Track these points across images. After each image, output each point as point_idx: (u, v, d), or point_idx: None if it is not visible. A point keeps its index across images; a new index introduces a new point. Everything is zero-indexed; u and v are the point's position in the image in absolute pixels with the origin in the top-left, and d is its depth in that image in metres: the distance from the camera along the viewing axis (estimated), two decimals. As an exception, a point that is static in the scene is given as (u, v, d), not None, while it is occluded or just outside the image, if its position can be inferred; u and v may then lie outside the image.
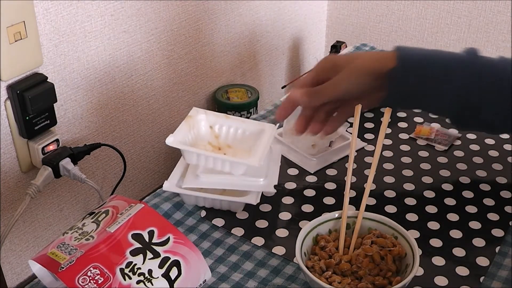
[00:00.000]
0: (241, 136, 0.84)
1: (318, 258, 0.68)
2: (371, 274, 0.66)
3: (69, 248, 0.61)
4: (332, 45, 1.63)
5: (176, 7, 1.22)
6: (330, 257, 0.68)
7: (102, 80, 1.12)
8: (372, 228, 0.71)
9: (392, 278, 0.66)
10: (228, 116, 0.85)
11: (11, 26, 0.90)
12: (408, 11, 1.58)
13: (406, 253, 0.67)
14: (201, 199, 0.80)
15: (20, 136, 0.98)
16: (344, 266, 0.66)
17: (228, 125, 0.84)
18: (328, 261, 0.67)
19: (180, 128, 0.81)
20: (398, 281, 0.64)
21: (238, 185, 0.80)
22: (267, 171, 0.82)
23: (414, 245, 0.67)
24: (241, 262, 0.74)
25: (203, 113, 0.84)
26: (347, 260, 0.67)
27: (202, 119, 0.84)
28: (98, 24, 1.07)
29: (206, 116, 0.84)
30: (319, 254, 0.68)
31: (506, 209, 0.80)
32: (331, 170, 0.89)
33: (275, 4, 1.52)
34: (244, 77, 1.52)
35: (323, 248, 0.69)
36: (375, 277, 0.66)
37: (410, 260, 0.66)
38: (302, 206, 0.82)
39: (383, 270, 0.66)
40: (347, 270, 0.66)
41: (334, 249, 0.69)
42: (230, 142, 0.84)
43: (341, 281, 0.65)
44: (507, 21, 1.45)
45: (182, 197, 0.81)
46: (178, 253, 0.62)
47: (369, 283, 0.65)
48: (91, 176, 1.15)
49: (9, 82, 0.94)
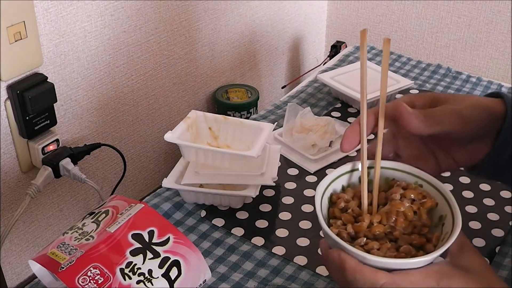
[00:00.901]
0: (239, 136, 0.85)
1: (342, 223, 0.57)
2: (406, 233, 0.57)
3: (69, 248, 0.61)
4: (332, 45, 1.63)
5: (176, 7, 1.22)
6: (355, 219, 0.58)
7: (102, 80, 1.11)
8: (389, 178, 0.61)
9: (429, 235, 0.57)
10: (226, 118, 0.86)
11: (11, 26, 0.90)
12: (408, 11, 1.58)
13: (437, 203, 0.58)
14: (201, 195, 0.80)
15: (20, 136, 0.98)
16: (378, 229, 0.56)
17: (227, 126, 0.85)
18: (358, 226, 0.56)
19: (179, 126, 0.82)
20: (437, 237, 0.56)
21: (237, 179, 0.80)
22: (265, 165, 0.82)
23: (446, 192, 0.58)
24: (241, 262, 0.74)
25: (201, 115, 0.85)
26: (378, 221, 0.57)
27: (201, 121, 0.85)
28: (98, 24, 1.07)
29: (205, 118, 0.85)
30: (344, 218, 0.58)
31: (506, 209, 0.80)
32: (331, 170, 0.89)
33: (275, 4, 1.52)
34: (244, 77, 1.52)
35: (343, 210, 0.59)
36: (411, 236, 0.56)
37: (444, 211, 0.57)
38: (302, 206, 0.82)
39: (417, 227, 0.57)
40: (380, 233, 0.56)
41: (357, 209, 0.59)
42: (229, 142, 0.85)
43: (380, 247, 0.55)
44: (507, 21, 1.45)
45: (181, 194, 0.82)
46: (178, 253, 0.62)
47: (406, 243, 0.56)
48: (91, 176, 1.15)
49: (9, 82, 0.94)
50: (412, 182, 0.60)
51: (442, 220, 0.57)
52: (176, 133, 0.80)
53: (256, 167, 0.81)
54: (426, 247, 0.56)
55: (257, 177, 0.80)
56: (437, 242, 0.55)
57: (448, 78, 1.21)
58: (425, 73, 1.22)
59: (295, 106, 0.97)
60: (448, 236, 0.55)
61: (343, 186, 0.61)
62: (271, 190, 0.85)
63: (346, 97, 1.07)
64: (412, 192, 0.58)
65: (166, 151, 1.31)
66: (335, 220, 0.58)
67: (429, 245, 0.56)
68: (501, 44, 1.49)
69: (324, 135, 0.92)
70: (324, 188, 0.59)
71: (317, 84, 1.15)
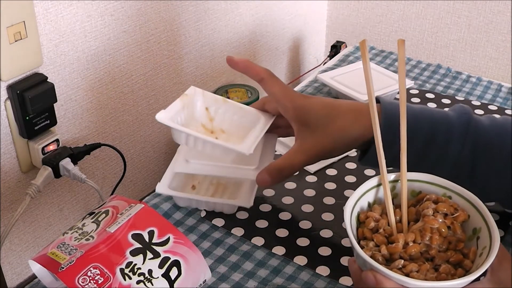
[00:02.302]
0: (237, 122, 0.79)
1: (374, 244, 0.55)
2: (441, 250, 0.54)
3: (69, 248, 0.61)
4: (332, 45, 1.63)
5: (176, 7, 1.22)
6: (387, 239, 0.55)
7: (102, 80, 1.11)
8: (415, 191, 0.59)
9: (465, 250, 0.54)
10: (226, 100, 0.80)
11: (11, 26, 0.90)
12: (408, 11, 1.58)
13: (469, 215, 0.56)
14: (194, 201, 0.79)
15: (20, 136, 0.98)
16: (414, 249, 0.53)
17: (225, 109, 0.80)
18: (394, 247, 0.53)
19: (174, 105, 0.76)
20: (474, 252, 0.54)
21: (229, 172, 0.77)
22: (259, 160, 0.79)
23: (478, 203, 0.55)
24: (241, 262, 0.74)
25: (200, 93, 0.79)
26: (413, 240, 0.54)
27: (199, 99, 0.79)
28: (98, 24, 1.07)
29: (203, 97, 0.80)
30: (376, 239, 0.55)
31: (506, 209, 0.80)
32: (331, 170, 0.89)
33: (275, 4, 1.52)
34: (244, 77, 1.51)
35: (373, 230, 0.56)
36: (447, 253, 0.54)
37: (477, 223, 0.55)
38: (302, 206, 0.82)
39: (452, 242, 0.55)
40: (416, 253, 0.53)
41: (388, 228, 0.56)
42: (224, 127, 0.80)
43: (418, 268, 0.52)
44: (507, 21, 1.45)
45: (174, 199, 0.81)
46: (178, 253, 0.62)
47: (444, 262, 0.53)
48: (91, 176, 1.15)
49: (9, 82, 0.94)
50: (440, 194, 0.58)
51: (477, 233, 0.55)
52: (170, 112, 0.74)
53: (249, 159, 0.77)
54: (464, 263, 0.54)
55: (250, 171, 0.77)
56: (474, 257, 0.54)
57: (448, 78, 1.21)
58: (425, 73, 1.22)
59: (295, 106, 0.96)
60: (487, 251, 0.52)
61: (369, 203, 0.58)
62: (271, 190, 0.85)
63: (346, 97, 1.07)
64: (444, 206, 0.56)
65: (166, 151, 1.31)
66: (366, 241, 0.55)
67: (467, 261, 0.54)
68: (501, 44, 1.49)
69: (324, 135, 0.92)
70: (352, 207, 0.56)
71: (317, 84, 1.15)
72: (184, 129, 0.73)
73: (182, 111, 0.77)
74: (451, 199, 0.58)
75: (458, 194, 0.57)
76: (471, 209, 0.56)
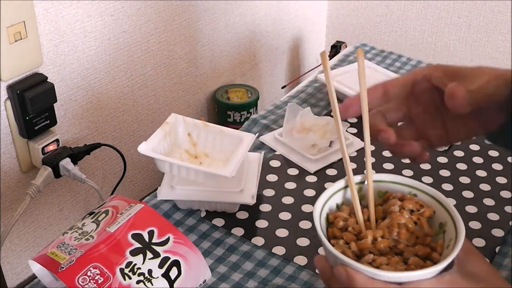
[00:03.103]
0: (219, 145, 0.82)
1: (344, 242, 0.57)
2: (410, 244, 0.56)
3: (69, 248, 0.61)
4: (332, 45, 1.63)
5: (176, 7, 1.22)
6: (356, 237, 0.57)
7: (102, 80, 1.12)
8: (381, 191, 0.60)
9: (433, 244, 0.56)
10: (206, 124, 0.82)
11: (11, 26, 0.90)
12: (408, 11, 1.58)
13: (435, 211, 0.58)
14: (196, 203, 0.80)
15: (20, 136, 0.98)
16: (382, 244, 0.55)
17: (206, 133, 0.82)
18: (363, 243, 0.55)
19: (155, 135, 0.78)
20: (441, 245, 0.55)
21: (214, 196, 0.78)
22: (244, 180, 0.80)
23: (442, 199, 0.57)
24: (241, 262, 0.74)
25: (181, 120, 0.82)
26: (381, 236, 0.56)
27: (180, 126, 0.82)
28: (98, 24, 1.07)
29: (184, 123, 0.82)
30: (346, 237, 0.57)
31: (506, 209, 0.80)
32: (331, 170, 0.89)
33: (275, 4, 1.52)
34: (244, 77, 1.52)
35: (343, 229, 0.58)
36: (415, 247, 0.56)
37: (443, 218, 0.57)
38: (302, 206, 0.82)
39: (420, 237, 0.56)
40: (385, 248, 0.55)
41: (357, 226, 0.58)
42: (207, 151, 0.82)
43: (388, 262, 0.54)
44: (507, 21, 1.45)
45: (175, 202, 0.81)
46: (178, 253, 0.62)
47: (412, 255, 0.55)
48: (91, 176, 1.15)
49: (9, 82, 0.94)
50: (406, 192, 0.59)
51: (443, 228, 0.57)
52: (152, 143, 0.76)
53: (233, 182, 0.78)
54: (432, 256, 0.55)
55: (235, 195, 0.78)
56: (441, 250, 0.55)
57: (448, 78, 1.20)
58: (425, 73, 1.22)
59: (295, 106, 0.97)
60: (453, 243, 0.54)
61: (337, 204, 0.60)
62: (271, 190, 0.85)
63: (346, 97, 1.07)
64: (410, 203, 0.57)
65: (166, 151, 1.32)
66: (336, 240, 0.57)
67: (435, 254, 0.55)
68: (501, 44, 1.49)
69: (324, 135, 0.92)
70: (320, 208, 0.58)
71: (317, 84, 1.15)
72: (167, 158, 0.76)
73: (165, 140, 0.79)
74: (416, 196, 0.59)
75: (423, 192, 0.59)
76: (436, 205, 0.58)
